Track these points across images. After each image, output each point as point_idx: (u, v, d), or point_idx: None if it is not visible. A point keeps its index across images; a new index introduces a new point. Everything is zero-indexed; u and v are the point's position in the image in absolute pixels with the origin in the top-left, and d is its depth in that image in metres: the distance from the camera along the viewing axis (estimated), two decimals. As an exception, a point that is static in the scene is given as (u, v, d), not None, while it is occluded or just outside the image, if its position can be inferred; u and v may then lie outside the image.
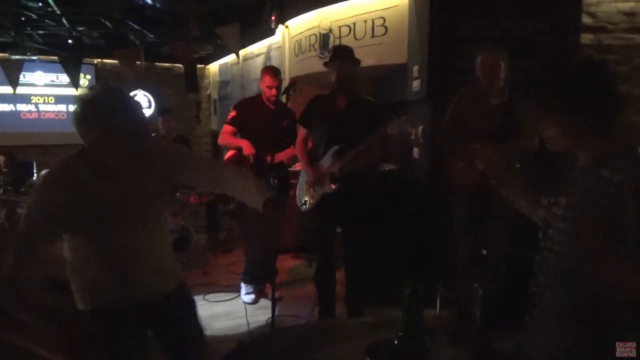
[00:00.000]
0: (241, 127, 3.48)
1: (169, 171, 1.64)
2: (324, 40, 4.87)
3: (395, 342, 0.92)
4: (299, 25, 5.40)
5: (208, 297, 3.68)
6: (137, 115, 1.44)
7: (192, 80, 9.74)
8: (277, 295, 3.01)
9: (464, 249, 2.94)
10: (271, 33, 6.04)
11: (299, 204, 3.04)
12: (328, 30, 4.82)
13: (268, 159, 2.92)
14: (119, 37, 7.98)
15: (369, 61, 4.18)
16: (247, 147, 3.34)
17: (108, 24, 7.08)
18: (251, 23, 6.42)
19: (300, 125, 3.07)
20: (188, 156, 1.72)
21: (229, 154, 3.57)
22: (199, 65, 10.17)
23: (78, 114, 1.37)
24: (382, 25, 4.33)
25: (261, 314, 3.28)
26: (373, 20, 4.40)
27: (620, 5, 3.44)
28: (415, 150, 3.73)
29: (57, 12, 6.55)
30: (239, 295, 3.67)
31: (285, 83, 4.98)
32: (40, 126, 9.78)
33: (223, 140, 3.54)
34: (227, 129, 3.49)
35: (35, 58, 8.01)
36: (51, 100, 9.86)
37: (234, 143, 3.49)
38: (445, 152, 2.89)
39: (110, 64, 9.80)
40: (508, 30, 3.26)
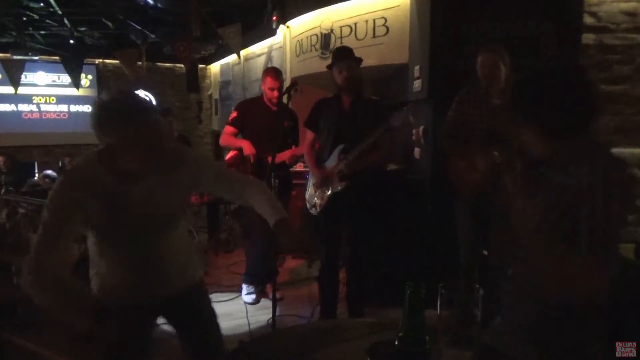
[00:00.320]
0: (242, 128, 3.49)
1: (195, 181, 1.65)
2: (325, 41, 4.87)
3: (396, 343, 0.92)
4: (300, 25, 5.40)
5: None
6: (152, 120, 1.40)
7: (194, 81, 9.77)
8: (278, 295, 3.00)
9: (465, 249, 2.94)
10: (272, 33, 6.05)
11: (308, 206, 3.03)
12: (329, 31, 4.82)
13: (269, 159, 2.92)
14: (121, 38, 8.01)
15: (370, 61, 4.18)
16: (248, 148, 3.34)
17: (109, 24, 7.11)
18: (252, 23, 6.43)
19: (306, 128, 3.07)
20: (217, 168, 1.71)
21: (230, 154, 3.58)
22: (200, 66, 10.19)
23: (93, 117, 1.37)
24: (384, 25, 4.33)
25: (262, 314, 3.28)
26: (374, 20, 4.39)
27: (623, 5, 3.44)
28: (417, 150, 3.72)
29: (59, 13, 6.57)
30: (240, 295, 3.66)
31: (287, 83, 4.98)
32: (42, 126, 9.80)
33: (224, 141, 3.55)
34: (228, 129, 3.50)
35: (36, 58, 8.04)
36: (53, 100, 9.88)
37: (234, 144, 3.49)
38: (447, 153, 2.89)
39: (111, 64, 9.82)
40: (509, 30, 3.25)
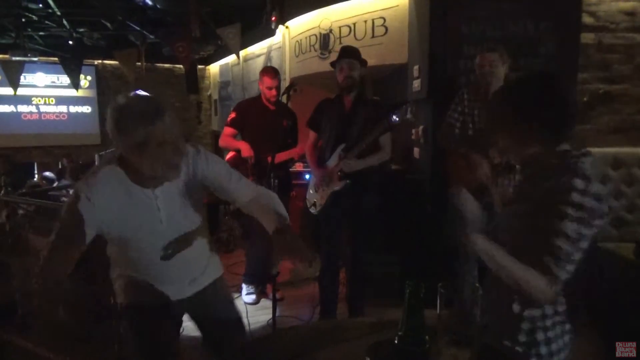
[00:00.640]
0: (241, 129, 3.48)
1: (210, 185, 1.65)
2: (325, 41, 4.87)
3: (395, 342, 0.92)
4: (299, 25, 5.40)
5: (209, 298, 3.67)
6: (166, 125, 1.38)
7: (193, 81, 9.76)
8: (278, 295, 3.00)
9: (465, 249, 2.94)
10: (271, 33, 6.05)
11: (308, 205, 3.04)
12: (328, 31, 4.82)
13: (269, 159, 2.92)
14: (120, 38, 8.01)
15: (370, 61, 4.13)
16: (246, 149, 3.34)
17: (109, 25, 7.11)
18: (252, 24, 6.42)
19: (309, 128, 3.07)
20: (233, 175, 1.69)
21: (229, 155, 3.58)
22: (199, 66, 10.19)
23: (109, 122, 1.37)
24: (383, 25, 4.33)
25: (262, 315, 3.28)
26: (373, 20, 4.40)
27: (621, 4, 3.44)
28: (416, 150, 3.72)
29: (58, 14, 6.57)
30: (240, 295, 3.66)
31: (286, 83, 4.98)
32: (41, 127, 9.80)
33: (223, 142, 3.55)
34: (228, 130, 3.50)
35: (35, 59, 8.02)
36: (52, 101, 9.88)
37: (233, 145, 3.49)
38: (446, 152, 2.89)
39: (110, 65, 9.83)
40: (509, 29, 3.26)
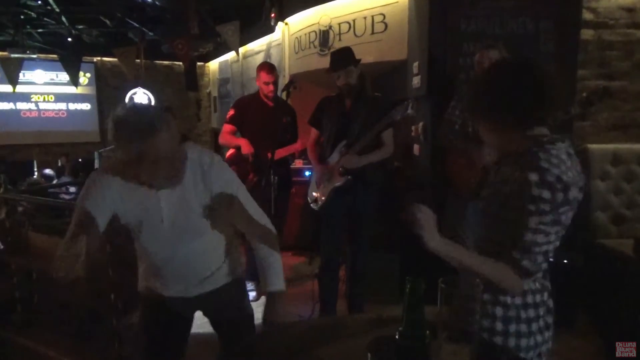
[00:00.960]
0: (240, 125, 3.48)
1: (217, 200, 1.61)
2: (324, 37, 4.86)
3: (396, 338, 0.92)
4: (299, 22, 5.39)
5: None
6: (161, 141, 1.35)
7: (192, 79, 9.75)
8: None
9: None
10: (271, 30, 6.04)
11: (309, 201, 3.04)
12: (328, 27, 4.81)
13: (268, 155, 2.92)
14: (119, 36, 8.00)
15: (369, 58, 4.18)
16: (246, 147, 3.33)
17: (108, 22, 7.10)
18: (251, 21, 6.41)
19: (310, 126, 3.07)
20: (240, 198, 1.67)
21: (229, 152, 3.57)
22: (199, 63, 10.17)
23: (109, 132, 1.38)
24: (382, 21, 4.32)
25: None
26: (373, 16, 4.39)
27: (621, 1, 3.44)
28: (416, 147, 3.72)
29: (57, 11, 6.56)
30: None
31: (286, 80, 4.97)
32: (40, 124, 9.79)
33: (223, 139, 3.55)
34: (227, 128, 3.50)
35: (34, 56, 8.01)
36: (51, 98, 9.87)
37: (233, 142, 3.48)
38: (446, 150, 2.89)
39: (110, 62, 9.81)
40: (508, 26, 3.25)
